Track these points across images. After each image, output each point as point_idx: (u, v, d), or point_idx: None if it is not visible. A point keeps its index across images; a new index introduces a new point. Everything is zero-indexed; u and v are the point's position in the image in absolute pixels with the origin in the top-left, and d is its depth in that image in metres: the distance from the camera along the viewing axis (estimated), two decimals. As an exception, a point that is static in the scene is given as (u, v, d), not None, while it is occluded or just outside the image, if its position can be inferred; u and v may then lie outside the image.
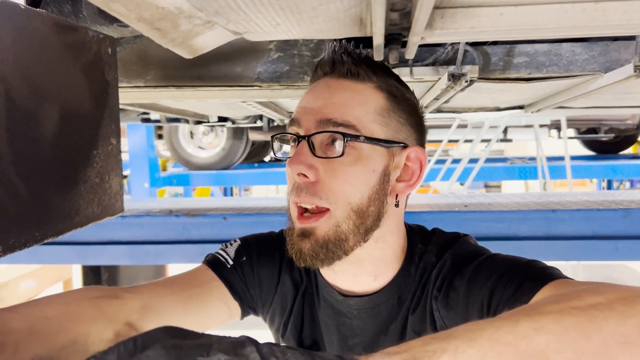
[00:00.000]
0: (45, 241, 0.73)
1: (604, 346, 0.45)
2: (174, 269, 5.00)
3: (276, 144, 0.85)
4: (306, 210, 0.75)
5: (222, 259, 0.91)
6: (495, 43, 1.10)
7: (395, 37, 0.81)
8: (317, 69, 0.80)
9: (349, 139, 0.72)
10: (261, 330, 1.00)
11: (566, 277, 0.67)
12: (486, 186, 10.30)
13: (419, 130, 0.82)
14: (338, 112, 0.74)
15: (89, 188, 0.84)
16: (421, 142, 0.82)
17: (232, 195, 7.98)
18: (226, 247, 0.94)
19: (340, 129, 0.73)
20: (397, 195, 0.79)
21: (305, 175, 0.73)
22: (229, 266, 0.90)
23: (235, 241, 0.95)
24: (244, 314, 0.92)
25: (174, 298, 0.82)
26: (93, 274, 4.44)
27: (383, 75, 0.79)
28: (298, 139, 0.75)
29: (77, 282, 4.60)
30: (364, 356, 0.44)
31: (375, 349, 0.79)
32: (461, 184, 4.77)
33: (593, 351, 0.45)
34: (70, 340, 0.68)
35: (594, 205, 1.89)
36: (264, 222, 1.92)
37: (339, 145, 0.73)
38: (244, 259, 0.91)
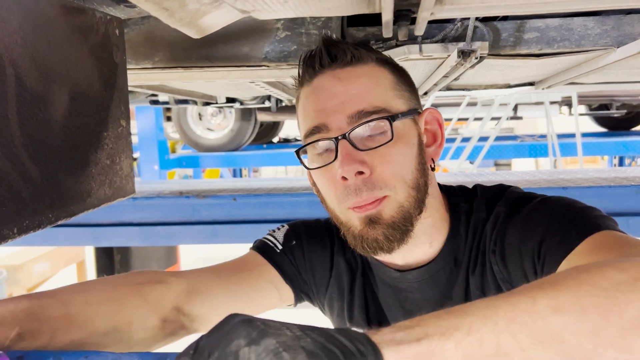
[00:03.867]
0: (58, 223, 0.73)
1: (621, 331, 0.43)
2: (185, 250, 5.05)
3: (307, 156, 0.79)
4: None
5: (270, 244, 0.90)
6: (505, 19, 1.08)
7: (404, 14, 0.80)
8: (313, 64, 0.77)
9: (391, 120, 0.72)
10: (291, 310, 0.97)
11: (615, 230, 0.66)
12: (496, 164, 10.24)
13: (417, 94, 0.83)
14: (364, 101, 0.73)
15: (100, 170, 0.84)
16: (420, 104, 0.83)
17: (241, 176, 8.01)
18: (274, 232, 0.93)
19: (374, 116, 0.72)
20: (432, 159, 0.80)
21: (361, 172, 0.71)
22: (278, 250, 0.89)
23: (282, 226, 0.95)
24: (298, 299, 0.92)
25: (221, 281, 0.82)
26: (106, 256, 4.50)
27: (373, 51, 0.79)
28: (335, 141, 0.72)
29: (90, 264, 4.66)
30: (373, 330, 0.43)
31: None
32: (471, 163, 4.74)
33: (610, 335, 0.43)
34: (112, 327, 0.68)
35: (605, 182, 1.88)
36: (274, 202, 1.93)
37: (381, 131, 0.73)
38: (294, 242, 0.90)
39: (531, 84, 1.70)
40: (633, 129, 6.08)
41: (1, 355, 0.55)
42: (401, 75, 0.80)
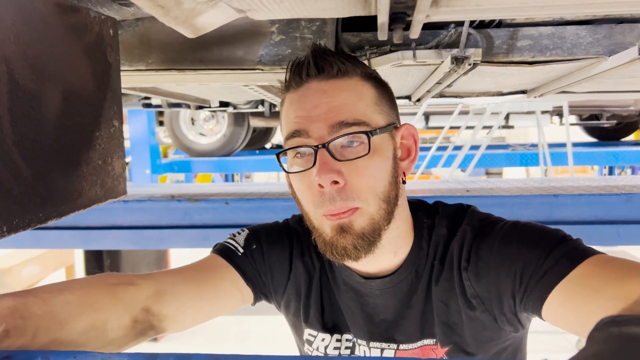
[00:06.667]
0: (49, 222, 0.73)
1: None
2: (176, 254, 5.03)
3: (287, 159, 0.83)
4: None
5: (232, 247, 0.93)
6: (498, 26, 1.09)
7: (400, 16, 0.81)
8: (300, 73, 0.80)
9: (369, 135, 0.75)
10: (271, 316, 1.01)
11: (599, 253, 0.69)
12: (487, 173, 10.30)
13: (397, 108, 0.86)
14: (346, 113, 0.76)
15: (91, 170, 0.84)
16: (399, 118, 0.87)
17: (233, 182, 7.99)
18: (234, 236, 0.96)
19: (354, 129, 0.75)
20: (404, 173, 0.84)
21: (336, 182, 0.74)
22: (239, 254, 0.92)
23: (243, 230, 0.98)
24: (256, 299, 0.95)
25: (187, 282, 0.84)
26: (95, 260, 4.47)
27: (359, 65, 0.82)
28: (315, 149, 0.75)
29: (80, 268, 4.62)
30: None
31: (401, 322, 0.84)
32: (462, 171, 4.76)
33: None
34: (89, 325, 0.70)
35: (596, 190, 1.89)
36: (266, 207, 1.93)
37: (359, 144, 0.76)
38: (254, 246, 0.93)
39: (523, 92, 1.71)
40: (623, 139, 6.14)
41: None
42: (383, 89, 0.83)
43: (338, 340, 0.91)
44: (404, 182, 0.84)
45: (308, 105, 0.77)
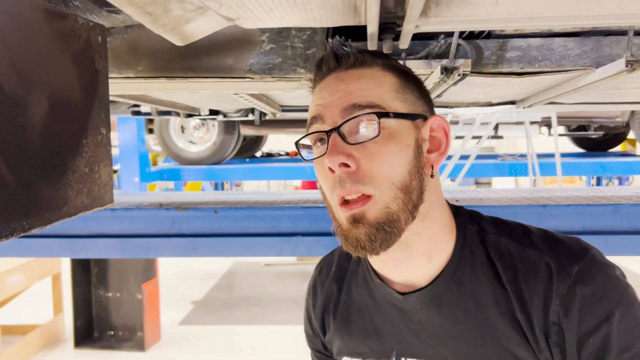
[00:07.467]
0: (33, 231, 0.71)
1: None
2: (164, 263, 4.98)
3: (304, 148, 0.83)
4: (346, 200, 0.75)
5: (311, 352, 1.04)
6: (488, 37, 1.10)
7: (389, 27, 0.81)
8: (321, 67, 0.81)
9: (380, 116, 0.73)
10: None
11: None
12: (477, 183, 10.35)
13: (430, 102, 0.84)
14: (360, 96, 0.75)
15: (78, 178, 0.83)
16: (433, 112, 0.84)
17: (223, 190, 7.95)
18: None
19: (367, 110, 0.74)
20: (432, 166, 0.79)
21: (346, 165, 0.72)
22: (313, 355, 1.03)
23: None
24: None
25: None
26: (82, 269, 4.43)
27: (384, 57, 0.81)
28: (327, 134, 0.75)
29: (66, 277, 4.57)
30: None
31: (452, 336, 0.80)
32: (452, 180, 4.78)
33: None
34: None
35: (584, 201, 1.89)
36: (256, 216, 1.91)
37: (370, 127, 0.74)
38: (311, 333, 1.02)
39: (512, 102, 1.72)
40: (610, 150, 6.21)
41: None
42: (409, 80, 0.81)
43: None
44: (432, 175, 0.79)
45: (325, 94, 0.78)
